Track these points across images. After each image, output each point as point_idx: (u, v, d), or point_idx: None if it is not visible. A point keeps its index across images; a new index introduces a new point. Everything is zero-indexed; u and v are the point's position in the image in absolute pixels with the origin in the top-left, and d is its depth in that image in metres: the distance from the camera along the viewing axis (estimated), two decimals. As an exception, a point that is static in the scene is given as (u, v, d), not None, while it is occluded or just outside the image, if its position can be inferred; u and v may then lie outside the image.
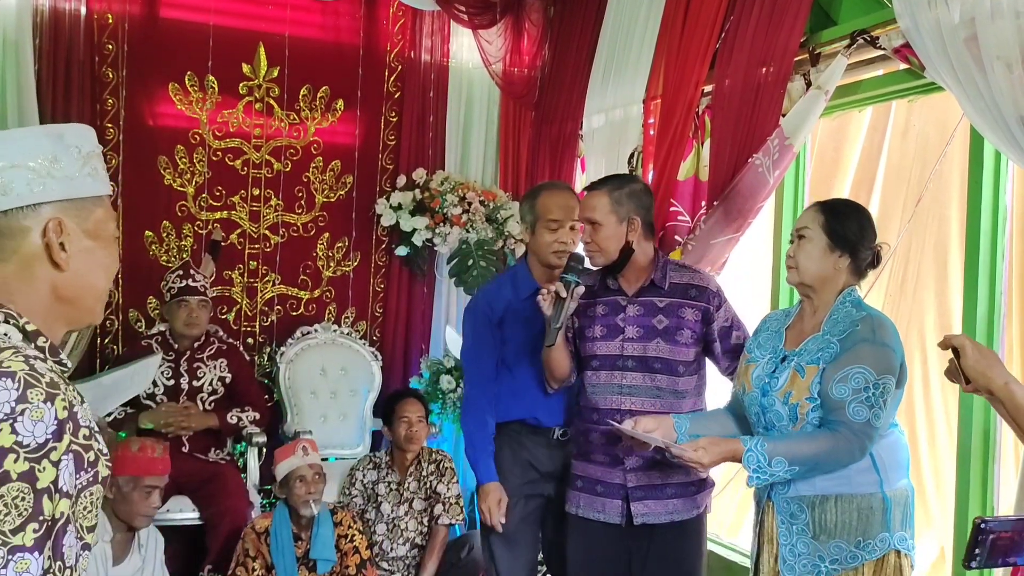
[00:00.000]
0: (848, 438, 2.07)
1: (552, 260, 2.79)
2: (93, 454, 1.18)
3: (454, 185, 4.66)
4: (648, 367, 2.60)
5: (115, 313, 4.36)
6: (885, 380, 2.07)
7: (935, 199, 3.29)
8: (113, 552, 2.92)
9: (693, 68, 3.49)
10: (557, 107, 4.61)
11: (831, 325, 2.18)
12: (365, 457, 4.04)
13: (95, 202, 1.27)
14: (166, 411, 3.81)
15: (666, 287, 2.64)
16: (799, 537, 2.15)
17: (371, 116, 4.82)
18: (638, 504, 2.59)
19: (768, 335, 2.33)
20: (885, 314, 2.27)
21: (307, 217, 4.73)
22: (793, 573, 2.15)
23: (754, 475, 2.10)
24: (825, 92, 2.97)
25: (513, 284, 2.90)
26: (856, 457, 2.09)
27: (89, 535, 1.19)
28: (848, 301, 2.20)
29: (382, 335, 4.88)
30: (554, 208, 2.78)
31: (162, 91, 4.45)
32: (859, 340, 2.10)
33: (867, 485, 2.12)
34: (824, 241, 2.19)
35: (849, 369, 2.08)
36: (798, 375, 2.15)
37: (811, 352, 2.17)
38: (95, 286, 1.28)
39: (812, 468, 2.11)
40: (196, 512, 3.78)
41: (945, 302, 3.31)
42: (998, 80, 2.24)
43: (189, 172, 4.51)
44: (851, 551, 2.12)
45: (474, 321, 2.91)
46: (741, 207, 3.19)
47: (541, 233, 2.81)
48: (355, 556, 3.40)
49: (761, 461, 2.09)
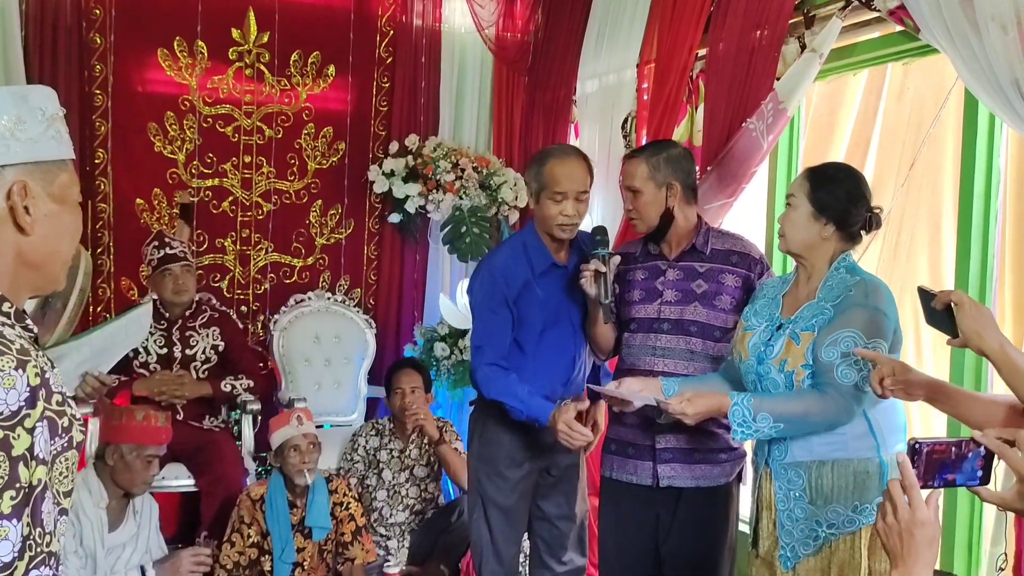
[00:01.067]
0: (835, 399, 2.07)
1: (557, 233, 2.68)
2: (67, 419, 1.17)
3: (447, 151, 4.63)
4: (684, 330, 2.61)
5: (107, 282, 4.35)
6: (875, 344, 2.06)
7: (929, 163, 3.27)
8: (109, 518, 2.93)
9: (687, 32, 3.46)
10: (550, 72, 4.56)
11: (826, 291, 2.17)
12: (368, 423, 4.06)
13: (59, 166, 1.25)
14: (160, 379, 3.82)
15: (708, 252, 2.65)
16: (796, 503, 2.17)
17: (363, 82, 4.77)
18: (664, 467, 2.61)
19: (765, 302, 2.32)
20: (880, 279, 2.26)
21: (299, 184, 4.70)
22: (791, 538, 2.17)
23: (738, 429, 2.11)
24: (820, 55, 2.95)
25: (527, 258, 2.73)
26: (843, 419, 2.10)
27: (66, 500, 1.19)
28: (843, 267, 2.19)
29: (376, 302, 4.87)
30: (562, 179, 2.63)
31: (151, 57, 4.40)
32: (852, 304, 2.10)
33: (864, 450, 2.13)
34: (808, 209, 2.17)
35: (839, 332, 2.08)
36: (793, 342, 2.15)
37: (806, 319, 2.17)
38: (60, 251, 1.27)
39: (797, 426, 2.11)
40: (191, 479, 3.80)
41: (938, 266, 3.31)
42: (993, 42, 2.22)
43: (179, 139, 4.47)
44: (848, 515, 2.13)
45: (490, 299, 2.72)
46: (735, 172, 3.18)
47: (546, 204, 2.66)
48: (350, 523, 3.41)
49: (746, 415, 2.10)
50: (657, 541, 2.69)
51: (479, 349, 2.72)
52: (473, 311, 2.81)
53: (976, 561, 2.68)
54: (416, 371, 3.96)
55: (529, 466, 2.80)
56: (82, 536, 2.86)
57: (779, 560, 2.16)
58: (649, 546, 2.70)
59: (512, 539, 2.86)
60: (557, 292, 2.73)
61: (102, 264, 4.34)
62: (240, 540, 3.32)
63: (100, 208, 4.34)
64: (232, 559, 3.31)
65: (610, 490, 2.77)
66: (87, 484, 2.93)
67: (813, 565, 2.14)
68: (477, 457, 2.86)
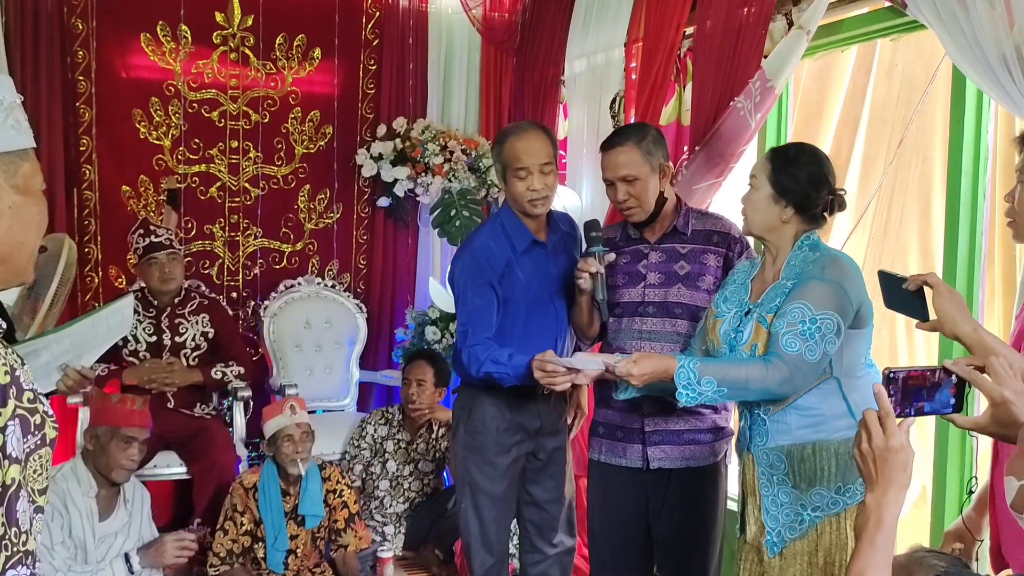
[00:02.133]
0: (779, 367, 2.05)
1: (529, 209, 2.65)
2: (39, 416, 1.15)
3: (435, 134, 4.60)
4: (669, 312, 2.60)
5: (94, 270, 4.32)
6: (824, 315, 2.04)
7: (919, 139, 3.26)
8: (98, 508, 2.92)
9: (674, 10, 3.42)
10: (539, 52, 4.53)
11: (788, 271, 2.16)
12: (378, 411, 4.04)
13: (21, 156, 1.22)
14: (149, 367, 3.80)
15: (688, 233, 2.64)
16: (780, 487, 2.16)
17: (349, 65, 4.73)
18: (654, 448, 2.62)
19: (735, 288, 2.31)
20: (846, 254, 2.25)
21: (287, 169, 4.67)
22: (777, 523, 2.16)
23: (683, 391, 2.09)
24: (807, 32, 2.92)
25: (508, 238, 2.69)
26: (786, 389, 2.08)
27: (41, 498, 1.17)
28: (806, 245, 2.17)
29: (367, 287, 4.85)
30: (522, 155, 2.59)
31: (134, 42, 4.35)
32: (807, 277, 2.10)
33: (843, 430, 2.12)
34: (769, 191, 2.16)
35: (790, 304, 2.08)
36: (761, 326, 2.14)
37: (771, 301, 2.16)
38: (26, 243, 1.24)
39: (740, 392, 2.11)
40: (183, 467, 3.79)
41: (928, 242, 3.30)
42: (980, 17, 2.20)
43: (165, 125, 4.43)
44: (832, 497, 2.12)
45: (474, 282, 2.67)
46: (723, 151, 3.16)
47: (513, 182, 2.63)
48: (344, 510, 3.41)
49: (691, 378, 2.08)
50: (647, 522, 2.70)
51: (465, 333, 2.67)
52: (457, 296, 2.76)
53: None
54: (429, 363, 3.89)
55: (517, 451, 2.78)
56: (71, 527, 2.84)
57: (765, 546, 2.16)
58: (638, 527, 2.71)
59: (503, 526, 2.84)
60: (539, 271, 2.71)
61: (89, 252, 4.31)
62: (233, 528, 3.32)
63: (86, 196, 4.30)
64: (225, 547, 3.31)
65: (599, 473, 2.77)
66: (76, 474, 2.92)
67: (800, 549, 2.14)
68: (464, 446, 2.80)
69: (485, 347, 2.62)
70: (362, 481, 3.90)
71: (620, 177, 2.58)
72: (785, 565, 2.15)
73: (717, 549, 2.72)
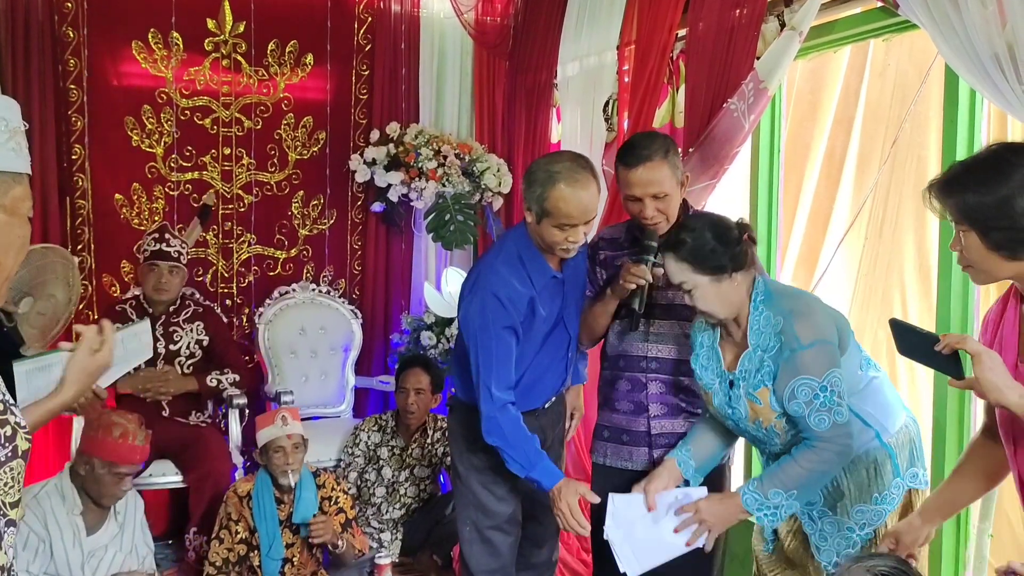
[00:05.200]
0: (825, 447, 2.07)
1: (560, 255, 2.47)
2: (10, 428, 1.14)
3: (428, 138, 4.59)
4: (676, 315, 2.56)
5: (88, 278, 4.30)
6: (828, 377, 2.04)
7: (913, 139, 3.26)
8: (86, 523, 2.87)
9: (666, 12, 3.42)
10: (531, 56, 4.52)
11: (755, 337, 2.13)
12: (371, 418, 4.02)
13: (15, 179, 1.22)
14: (144, 376, 3.79)
15: None
16: (823, 519, 2.19)
17: (342, 70, 4.72)
18: (660, 451, 2.58)
19: (706, 353, 2.27)
20: (797, 293, 2.25)
21: (280, 175, 4.66)
22: (831, 556, 2.19)
23: (762, 515, 2.13)
24: (799, 33, 2.92)
25: (528, 273, 2.48)
26: (846, 455, 2.10)
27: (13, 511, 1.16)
28: (760, 303, 2.14)
29: (361, 293, 4.84)
30: (574, 212, 2.34)
31: (125, 49, 4.33)
32: (789, 352, 2.07)
33: (866, 443, 2.14)
34: (706, 279, 2.11)
35: (793, 384, 2.06)
36: (754, 403, 2.15)
37: (751, 374, 2.14)
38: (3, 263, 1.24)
39: (811, 486, 2.13)
40: (179, 476, 3.78)
41: (923, 241, 3.30)
42: (972, 16, 2.19)
43: (157, 132, 4.42)
44: (873, 509, 2.15)
45: (497, 326, 2.44)
46: (717, 153, 3.15)
47: (549, 230, 2.39)
48: (339, 516, 3.40)
49: (759, 499, 2.12)
50: None
51: (486, 383, 2.43)
52: (474, 338, 2.48)
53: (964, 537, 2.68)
54: (424, 370, 3.85)
55: None
56: (52, 549, 2.77)
57: None
58: None
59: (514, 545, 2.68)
60: (555, 302, 2.58)
61: (83, 261, 4.29)
62: (228, 537, 3.30)
63: (79, 205, 4.29)
64: (221, 556, 3.30)
65: (603, 476, 2.72)
66: (61, 491, 2.86)
67: None
68: (468, 465, 2.64)
69: (513, 423, 2.43)
70: (357, 488, 3.89)
71: (652, 195, 2.43)
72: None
73: (720, 552, 2.70)
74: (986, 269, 1.65)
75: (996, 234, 1.58)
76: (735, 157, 3.19)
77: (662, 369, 2.55)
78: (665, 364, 2.56)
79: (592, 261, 2.72)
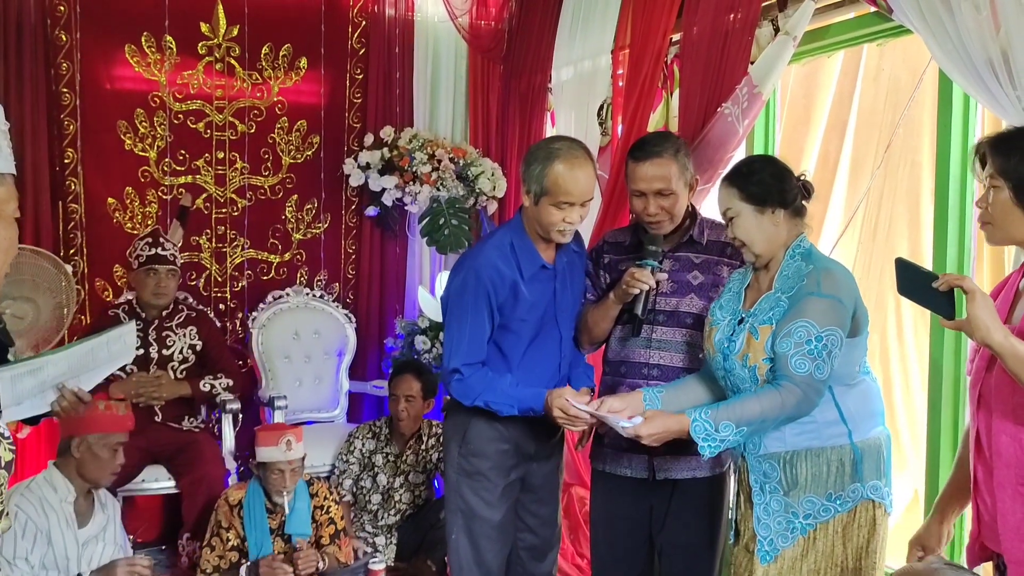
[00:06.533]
0: (791, 391, 2.04)
1: (555, 237, 2.49)
2: None
3: (423, 143, 4.59)
4: (680, 322, 2.56)
5: (81, 283, 4.27)
6: (829, 332, 2.04)
7: (907, 143, 3.27)
8: (77, 514, 2.88)
9: (660, 16, 3.43)
10: (525, 60, 4.52)
11: (782, 281, 2.15)
12: (365, 425, 4.00)
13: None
14: (136, 381, 3.76)
15: (704, 243, 2.60)
16: (772, 495, 2.15)
17: (336, 74, 4.71)
18: (660, 459, 2.57)
19: (730, 296, 2.29)
20: (837, 262, 2.24)
21: (274, 179, 4.65)
22: (768, 531, 2.15)
23: (705, 444, 2.07)
24: (793, 38, 2.93)
25: (515, 259, 2.51)
26: (803, 410, 2.07)
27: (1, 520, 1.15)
28: (798, 253, 2.16)
29: (355, 297, 4.83)
30: (572, 189, 2.40)
31: (118, 53, 4.32)
32: (805, 294, 2.08)
33: (836, 437, 2.11)
34: (750, 209, 2.14)
35: (793, 323, 2.06)
36: (752, 337, 2.13)
37: (764, 312, 2.14)
38: None
39: (759, 426, 2.09)
40: (172, 481, 3.76)
41: (917, 244, 3.31)
42: (966, 21, 2.20)
43: (150, 136, 4.40)
44: (823, 504, 2.11)
45: (474, 301, 2.48)
46: (711, 157, 3.15)
47: (547, 209, 2.43)
48: (330, 527, 3.38)
49: (708, 428, 2.07)
50: (650, 533, 2.66)
51: (453, 353, 2.51)
52: (448, 310, 2.56)
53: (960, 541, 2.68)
54: (415, 376, 3.82)
55: (515, 474, 2.65)
56: (50, 536, 2.79)
57: (757, 555, 2.15)
58: (641, 538, 2.67)
59: (502, 556, 2.67)
60: (545, 294, 2.57)
61: (75, 266, 4.26)
62: (220, 544, 3.29)
63: (71, 209, 4.27)
64: (212, 563, 3.28)
65: (603, 483, 2.72)
66: (52, 482, 2.87)
67: (791, 555, 2.13)
68: (459, 470, 2.63)
69: (480, 376, 2.50)
70: (353, 495, 3.88)
71: (656, 191, 2.47)
72: (777, 573, 2.14)
73: (719, 559, 2.69)
74: (1005, 227, 1.77)
75: None
76: (729, 161, 3.18)
77: (664, 376, 2.54)
78: (667, 371, 2.55)
79: (596, 264, 2.72)
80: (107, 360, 2.49)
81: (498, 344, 2.56)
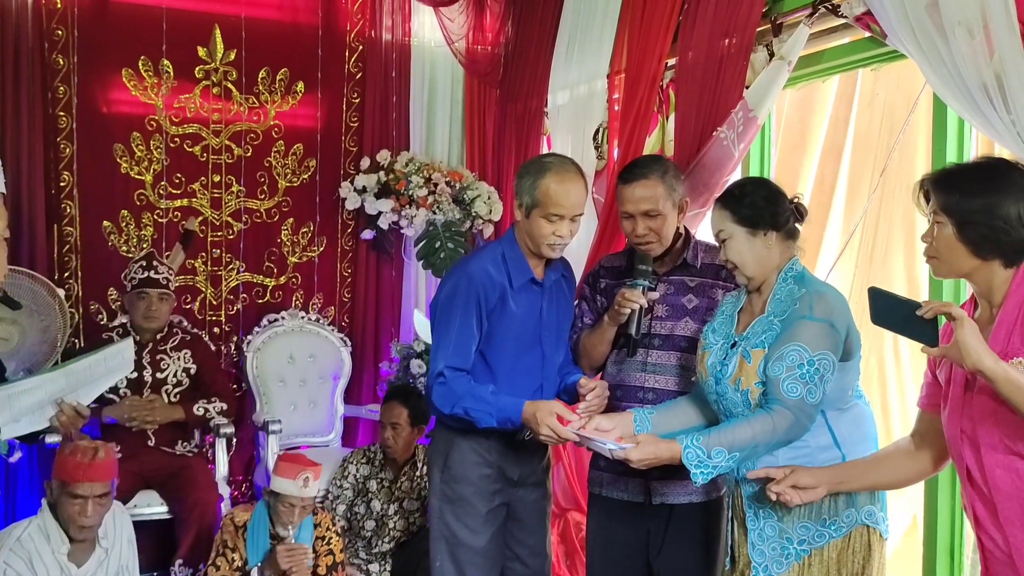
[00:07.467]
0: (783, 415, 2.03)
1: (545, 252, 2.52)
2: None
3: (419, 166, 4.59)
4: (675, 346, 2.56)
5: (75, 306, 4.26)
6: (821, 356, 2.03)
7: (902, 167, 3.27)
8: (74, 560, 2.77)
9: (656, 41, 3.44)
10: (522, 84, 4.54)
11: (774, 305, 2.14)
12: (360, 450, 3.94)
13: None
14: (129, 405, 3.74)
15: (698, 266, 2.60)
16: (766, 521, 2.13)
17: (333, 98, 4.73)
18: (657, 483, 2.56)
19: (723, 319, 2.29)
20: (830, 285, 2.24)
21: (270, 203, 4.65)
22: (763, 557, 2.13)
23: (697, 471, 2.04)
24: (788, 62, 2.93)
25: (507, 270, 2.54)
26: (795, 434, 2.06)
27: None
28: (791, 277, 2.16)
29: (351, 321, 4.81)
30: (562, 202, 2.44)
31: (115, 77, 4.33)
32: (798, 317, 2.07)
33: (829, 462, 2.09)
34: (743, 231, 2.15)
35: (785, 347, 2.05)
36: (745, 360, 2.12)
37: (756, 335, 2.14)
38: None
39: (752, 451, 2.07)
40: (165, 506, 3.73)
41: (913, 268, 3.31)
42: (960, 46, 2.21)
43: (147, 159, 4.41)
44: (817, 529, 2.10)
45: (464, 305, 2.49)
46: (707, 181, 3.15)
47: (537, 222, 2.47)
48: (328, 557, 3.34)
49: (700, 455, 2.04)
50: (647, 557, 2.64)
51: (439, 355, 2.48)
52: (437, 314, 2.55)
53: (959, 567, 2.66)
54: (402, 403, 3.72)
55: (499, 499, 2.61)
56: None
57: None
58: (638, 562, 2.65)
59: None
60: (532, 309, 2.58)
61: (70, 289, 4.25)
62: (225, 564, 3.24)
63: (66, 232, 4.26)
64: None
65: (599, 507, 2.71)
66: (45, 530, 2.70)
67: None
68: (441, 496, 2.61)
69: (463, 382, 2.48)
70: (347, 520, 3.84)
71: (643, 212, 2.51)
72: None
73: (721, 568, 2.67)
74: (949, 261, 1.78)
75: (970, 229, 1.73)
76: (725, 185, 3.18)
77: (659, 400, 2.52)
78: (663, 395, 2.54)
79: (592, 288, 2.72)
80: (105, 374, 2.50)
81: (484, 356, 2.55)
